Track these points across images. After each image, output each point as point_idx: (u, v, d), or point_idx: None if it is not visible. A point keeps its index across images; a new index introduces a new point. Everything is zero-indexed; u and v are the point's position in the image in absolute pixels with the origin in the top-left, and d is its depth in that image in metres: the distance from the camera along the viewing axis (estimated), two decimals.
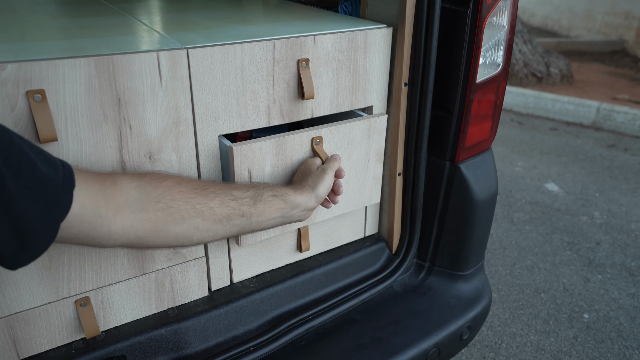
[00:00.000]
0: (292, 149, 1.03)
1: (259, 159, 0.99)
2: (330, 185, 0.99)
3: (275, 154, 1.01)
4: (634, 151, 3.92)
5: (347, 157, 1.12)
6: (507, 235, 2.77)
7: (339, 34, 1.08)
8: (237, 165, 0.97)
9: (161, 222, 0.79)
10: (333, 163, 1.02)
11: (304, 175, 1.00)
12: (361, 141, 1.13)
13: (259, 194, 0.89)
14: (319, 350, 1.14)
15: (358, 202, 1.20)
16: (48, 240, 0.68)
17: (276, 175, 1.03)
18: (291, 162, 1.04)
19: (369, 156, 1.16)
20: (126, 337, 1.01)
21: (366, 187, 1.20)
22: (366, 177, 1.18)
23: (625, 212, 3.01)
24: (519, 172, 3.51)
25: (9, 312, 0.90)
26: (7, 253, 0.64)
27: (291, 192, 0.93)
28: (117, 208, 0.75)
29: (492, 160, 1.35)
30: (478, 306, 1.34)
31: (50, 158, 0.68)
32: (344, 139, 1.10)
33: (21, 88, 0.78)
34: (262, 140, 0.98)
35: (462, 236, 1.33)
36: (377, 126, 1.14)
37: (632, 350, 2.01)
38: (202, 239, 0.85)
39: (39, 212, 0.64)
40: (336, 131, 1.07)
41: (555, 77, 5.45)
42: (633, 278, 2.44)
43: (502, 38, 1.20)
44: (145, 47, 0.91)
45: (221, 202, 0.84)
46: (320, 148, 1.05)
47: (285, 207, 0.92)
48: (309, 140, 1.04)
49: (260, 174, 1.01)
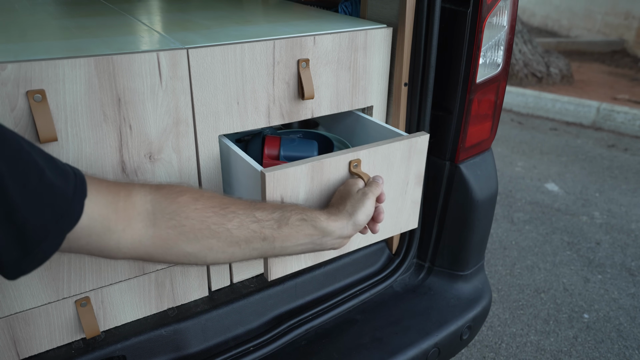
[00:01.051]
0: (328, 173, 0.94)
1: (293, 185, 0.90)
2: (371, 211, 0.89)
3: (310, 179, 0.92)
4: (634, 151, 3.92)
5: (385, 180, 1.02)
6: (507, 235, 2.77)
7: (339, 34, 1.08)
8: (269, 191, 0.88)
9: (172, 240, 0.75)
10: (376, 187, 0.92)
11: (343, 199, 0.90)
12: (401, 163, 1.03)
13: (285, 217, 0.80)
14: (319, 350, 1.14)
15: (395, 228, 1.11)
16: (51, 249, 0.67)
17: (311, 202, 0.95)
18: (327, 187, 0.96)
19: (408, 179, 1.07)
20: (126, 337, 1.01)
21: (404, 212, 1.10)
22: (404, 202, 1.09)
23: (625, 212, 3.01)
24: (519, 172, 3.51)
25: (9, 312, 0.90)
26: (8, 260, 0.64)
27: (324, 217, 0.84)
28: (127, 222, 0.72)
29: (492, 160, 1.35)
30: (478, 306, 1.34)
31: (61, 167, 0.67)
32: (383, 161, 1.01)
33: (21, 88, 0.78)
34: (297, 165, 0.90)
35: (462, 236, 1.33)
36: (419, 147, 1.05)
37: (632, 350, 2.01)
38: (217, 259, 0.80)
39: (44, 220, 0.64)
40: (375, 153, 0.99)
41: (555, 77, 5.45)
42: (633, 278, 2.44)
43: (502, 38, 1.20)
44: (145, 47, 0.91)
45: (240, 224, 0.77)
46: (359, 171, 0.97)
47: (315, 234, 0.83)
48: (346, 163, 0.96)
49: (294, 201, 0.92)
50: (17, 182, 0.60)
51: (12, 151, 0.60)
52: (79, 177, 0.68)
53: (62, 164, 0.68)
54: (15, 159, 0.60)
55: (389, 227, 1.10)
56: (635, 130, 4.28)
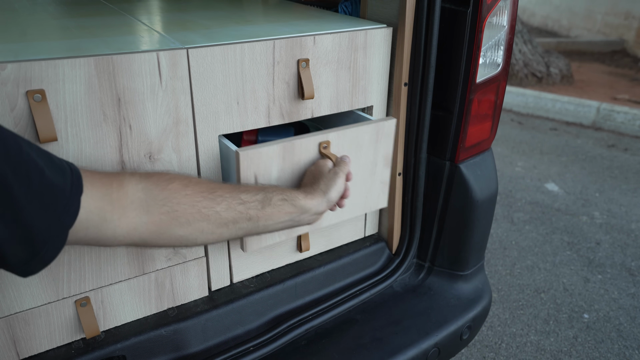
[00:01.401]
0: (299, 153, 1.01)
1: (266, 164, 0.97)
2: (342, 189, 0.97)
3: (282, 158, 0.99)
4: (634, 151, 3.92)
5: (354, 162, 1.09)
6: (507, 235, 2.77)
7: (339, 34, 1.08)
8: (243, 170, 0.95)
9: (165, 225, 0.78)
10: (344, 166, 1.00)
11: (315, 178, 0.98)
12: (369, 145, 1.10)
13: (267, 198, 0.87)
14: (319, 350, 1.14)
15: (365, 207, 1.18)
16: (57, 247, 0.68)
17: (283, 180, 1.01)
18: (298, 166, 1.02)
19: (377, 161, 1.13)
20: (126, 337, 1.01)
21: (373, 192, 1.17)
22: (373, 182, 1.16)
23: (625, 212, 3.01)
24: (519, 172, 3.51)
25: (9, 312, 0.90)
26: (17, 263, 0.64)
27: (302, 196, 0.91)
28: (122, 210, 0.74)
29: (492, 160, 1.35)
30: (478, 306, 1.34)
31: (58, 163, 0.68)
32: (352, 144, 1.07)
33: (21, 88, 0.78)
34: (269, 145, 0.96)
35: (462, 236, 1.33)
36: (386, 130, 1.11)
37: (632, 350, 2.01)
38: (207, 240, 0.85)
39: (48, 220, 0.64)
40: (344, 135, 1.05)
41: (555, 77, 5.45)
42: (633, 278, 2.44)
43: (502, 38, 1.20)
44: (145, 47, 0.91)
45: (228, 206, 0.83)
46: (327, 152, 1.03)
47: (295, 212, 0.90)
48: (316, 144, 1.02)
49: (267, 179, 0.99)
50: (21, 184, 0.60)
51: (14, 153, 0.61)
52: (75, 173, 0.70)
53: (57, 159, 0.69)
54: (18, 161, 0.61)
55: (359, 206, 1.17)
56: (635, 130, 4.28)
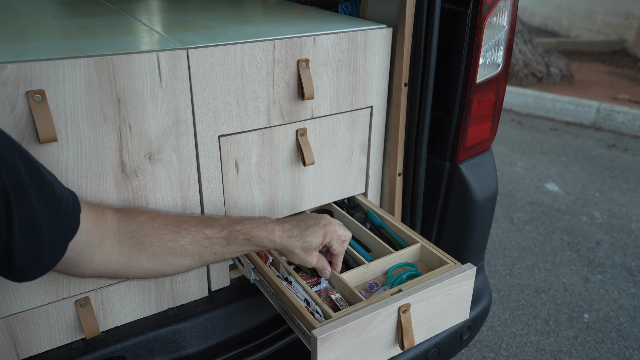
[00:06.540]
0: (277, 139, 1.08)
1: (245, 149, 1.04)
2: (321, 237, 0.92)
3: (261, 144, 1.06)
4: (634, 151, 3.92)
5: (331, 149, 1.17)
6: (507, 235, 2.77)
7: (339, 34, 1.08)
8: (224, 154, 1.01)
9: (134, 258, 0.81)
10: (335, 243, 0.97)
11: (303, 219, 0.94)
12: (345, 133, 1.18)
13: (232, 237, 0.87)
14: None
15: (343, 192, 1.25)
16: (57, 257, 0.70)
17: (262, 164, 1.08)
18: (277, 152, 1.09)
19: (353, 147, 1.21)
20: (126, 337, 1.01)
21: (351, 178, 1.25)
22: (351, 168, 1.23)
23: (625, 212, 3.01)
24: (519, 172, 3.51)
25: (9, 312, 0.90)
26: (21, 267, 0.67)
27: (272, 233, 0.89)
28: (101, 237, 0.77)
29: (492, 160, 1.35)
30: (478, 306, 1.34)
31: (60, 183, 0.72)
32: (328, 131, 1.15)
33: (21, 88, 0.78)
34: (248, 132, 1.03)
35: (462, 236, 1.33)
36: (361, 119, 1.19)
37: (632, 350, 2.01)
38: (175, 272, 0.87)
39: (53, 230, 0.67)
40: (320, 123, 1.13)
41: (555, 77, 5.45)
42: (633, 278, 2.44)
43: (502, 38, 1.20)
44: (145, 47, 0.91)
45: (193, 240, 0.84)
46: (304, 139, 1.10)
47: (259, 249, 0.92)
48: (293, 131, 1.09)
49: (247, 164, 1.05)
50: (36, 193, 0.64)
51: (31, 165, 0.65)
52: (73, 193, 0.74)
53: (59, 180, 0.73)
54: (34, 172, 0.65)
55: (338, 191, 1.24)
56: (635, 130, 4.28)
